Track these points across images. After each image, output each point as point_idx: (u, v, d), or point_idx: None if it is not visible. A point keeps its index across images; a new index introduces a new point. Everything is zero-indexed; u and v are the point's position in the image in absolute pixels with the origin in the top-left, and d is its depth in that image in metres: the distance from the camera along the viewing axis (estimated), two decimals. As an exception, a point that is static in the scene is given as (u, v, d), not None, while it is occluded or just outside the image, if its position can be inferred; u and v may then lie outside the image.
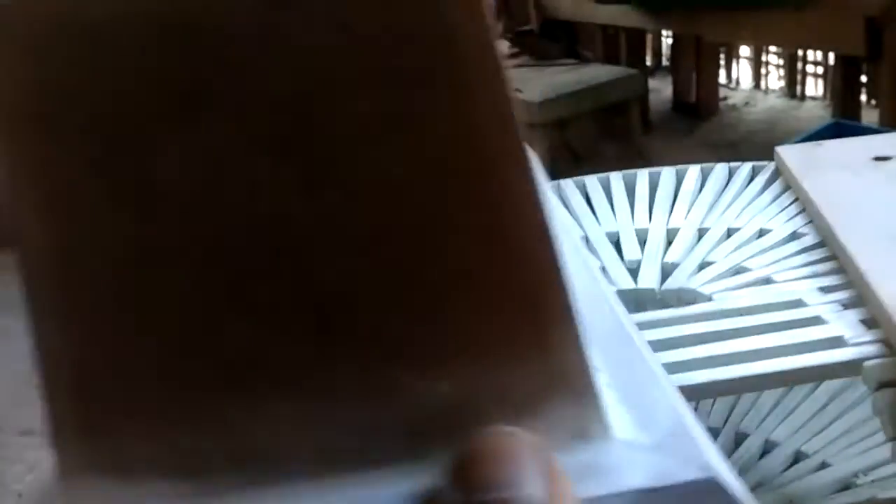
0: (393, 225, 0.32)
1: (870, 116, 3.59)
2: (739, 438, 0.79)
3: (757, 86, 4.82)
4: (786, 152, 0.86)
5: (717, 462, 0.34)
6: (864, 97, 3.75)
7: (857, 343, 0.55)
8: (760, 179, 0.86)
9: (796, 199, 0.80)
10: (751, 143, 4.07)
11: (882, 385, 0.52)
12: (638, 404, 0.37)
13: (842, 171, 0.78)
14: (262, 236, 0.32)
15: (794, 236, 0.74)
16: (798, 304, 0.61)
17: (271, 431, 0.32)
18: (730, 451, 0.78)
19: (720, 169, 0.90)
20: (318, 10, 0.31)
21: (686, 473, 0.33)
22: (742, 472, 0.74)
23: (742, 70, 4.92)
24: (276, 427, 0.32)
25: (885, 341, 0.55)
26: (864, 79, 3.68)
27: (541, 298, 0.33)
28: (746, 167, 0.89)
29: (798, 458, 0.75)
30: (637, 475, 0.34)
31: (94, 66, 0.30)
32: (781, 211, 0.79)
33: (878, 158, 0.79)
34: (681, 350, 0.60)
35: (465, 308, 0.33)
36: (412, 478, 0.33)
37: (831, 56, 3.88)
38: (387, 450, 0.33)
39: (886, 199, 0.72)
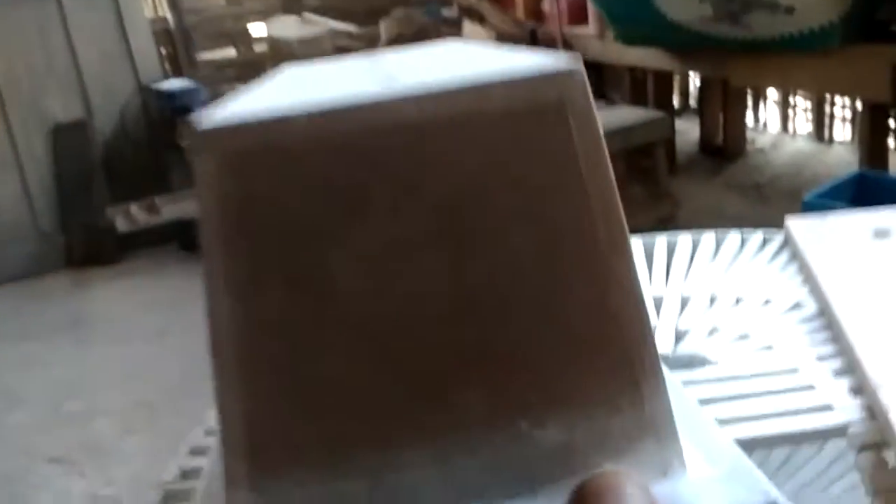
0: (521, 299, 0.42)
1: (898, 161, 3.63)
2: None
3: (784, 129, 4.85)
4: (794, 224, 0.92)
5: (774, 490, 0.43)
6: (892, 142, 3.78)
7: (844, 409, 0.62)
8: (770, 249, 0.93)
9: (801, 270, 0.86)
10: (776, 187, 4.10)
11: (864, 448, 0.59)
12: (701, 444, 0.46)
13: (844, 245, 0.85)
14: (413, 312, 0.41)
15: (796, 306, 0.80)
16: (794, 370, 0.68)
17: (414, 475, 0.41)
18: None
19: (734, 236, 0.96)
20: (464, 135, 0.41)
21: (754, 499, 0.43)
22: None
23: (769, 113, 4.95)
24: (418, 470, 0.41)
25: (868, 408, 0.61)
26: (892, 124, 3.71)
27: (635, 358, 0.43)
28: (758, 236, 0.96)
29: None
30: (713, 502, 0.42)
31: (283, 180, 0.39)
32: (787, 281, 0.85)
33: (878, 234, 0.85)
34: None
35: (575, 366, 0.43)
36: None
37: (859, 101, 3.90)
38: (508, 487, 0.42)
39: (881, 274, 0.78)
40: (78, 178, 4.32)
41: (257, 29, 5.11)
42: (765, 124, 4.99)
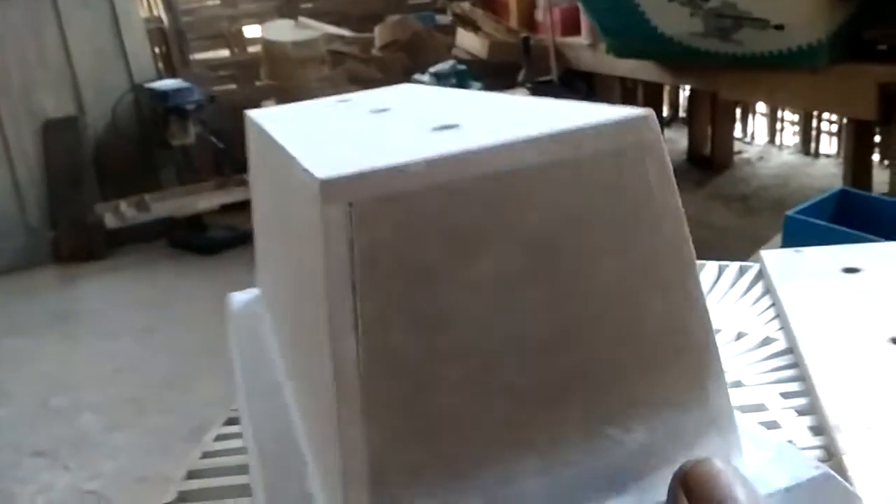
0: (609, 323, 0.47)
1: (883, 175, 3.68)
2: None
3: (772, 141, 4.91)
4: (768, 256, 0.95)
5: (821, 464, 0.47)
6: (876, 157, 3.83)
7: (803, 448, 0.65)
8: (745, 280, 0.96)
9: (773, 305, 0.89)
10: (762, 198, 4.15)
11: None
12: (746, 433, 0.51)
13: (814, 281, 0.88)
14: (518, 341, 0.46)
15: (766, 341, 0.83)
16: (761, 407, 0.71)
17: (522, 487, 0.46)
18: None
19: (711, 267, 1.00)
20: (561, 177, 0.46)
21: (808, 473, 0.49)
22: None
23: (758, 125, 5.00)
24: (525, 482, 0.46)
25: (826, 448, 0.64)
26: (877, 138, 3.76)
27: (703, 365, 0.49)
28: (734, 267, 0.99)
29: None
30: (777, 479, 0.48)
31: (404, 225, 0.43)
32: (759, 315, 0.88)
33: (846, 270, 0.89)
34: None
35: (653, 375, 0.49)
36: None
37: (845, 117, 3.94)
38: (601, 488, 0.47)
39: (850, 312, 0.81)
40: (68, 174, 4.33)
41: (252, 31, 5.13)
42: (752, 136, 5.04)
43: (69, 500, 2.48)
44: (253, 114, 0.77)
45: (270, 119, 0.72)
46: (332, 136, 0.60)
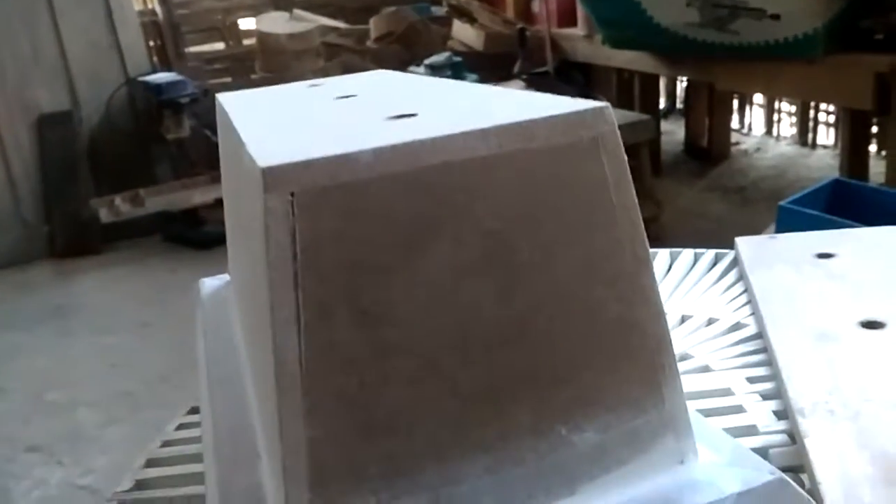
0: (562, 319, 0.46)
1: (879, 166, 3.66)
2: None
3: (769, 132, 4.89)
4: (742, 243, 0.95)
5: (775, 468, 0.48)
6: (873, 148, 3.82)
7: (767, 432, 0.64)
8: (720, 268, 0.95)
9: (745, 290, 0.88)
10: (759, 189, 4.14)
11: (782, 470, 0.61)
12: (701, 435, 0.51)
13: (786, 267, 0.87)
14: (468, 336, 0.45)
15: (736, 326, 0.82)
16: (727, 392, 0.70)
17: (469, 487, 0.45)
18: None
19: (686, 254, 0.99)
20: (514, 169, 0.45)
21: (762, 478, 0.48)
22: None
23: (755, 116, 4.99)
24: (472, 482, 0.45)
25: (788, 432, 0.64)
26: (874, 129, 3.75)
27: (658, 363, 0.48)
28: (710, 255, 0.98)
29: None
30: (731, 484, 0.47)
31: (350, 215, 0.42)
32: (731, 301, 0.88)
33: (820, 255, 0.88)
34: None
35: (607, 374, 0.47)
36: None
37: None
38: (551, 489, 0.46)
39: (820, 297, 0.80)
40: (62, 169, 4.33)
41: (247, 24, 5.13)
42: (750, 127, 5.03)
43: (63, 496, 2.47)
44: (222, 97, 0.76)
45: (235, 103, 0.72)
46: (287, 123, 0.59)
